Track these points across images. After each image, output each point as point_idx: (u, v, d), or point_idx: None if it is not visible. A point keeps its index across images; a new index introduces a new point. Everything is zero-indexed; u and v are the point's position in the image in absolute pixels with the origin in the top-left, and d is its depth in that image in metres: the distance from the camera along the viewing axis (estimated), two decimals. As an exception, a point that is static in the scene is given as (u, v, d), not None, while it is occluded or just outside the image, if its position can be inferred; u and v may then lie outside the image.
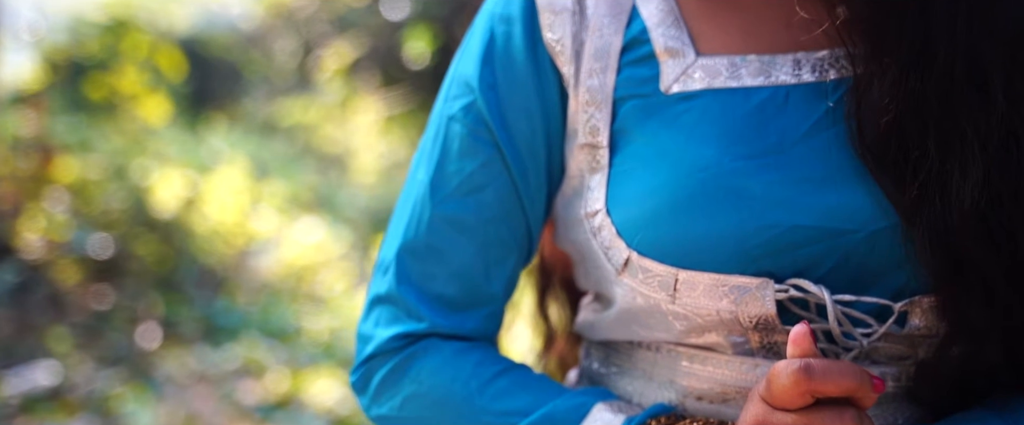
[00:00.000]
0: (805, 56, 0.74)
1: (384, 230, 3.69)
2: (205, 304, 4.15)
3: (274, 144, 6.09)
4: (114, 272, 3.99)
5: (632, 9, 0.77)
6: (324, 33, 6.57)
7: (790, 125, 0.72)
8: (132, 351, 3.71)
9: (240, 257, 4.62)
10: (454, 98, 0.81)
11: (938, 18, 0.67)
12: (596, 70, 0.77)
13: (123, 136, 4.28)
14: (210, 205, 4.62)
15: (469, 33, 0.83)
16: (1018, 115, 0.66)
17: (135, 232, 4.12)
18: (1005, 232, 0.65)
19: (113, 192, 4.10)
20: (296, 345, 3.94)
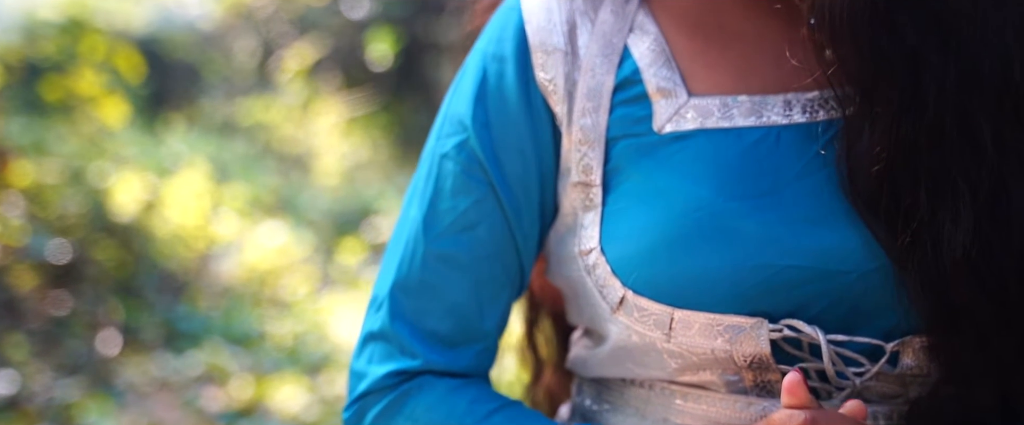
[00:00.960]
0: (795, 97, 0.75)
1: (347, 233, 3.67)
2: (166, 309, 4.10)
3: (234, 145, 6.03)
4: (72, 278, 3.92)
5: (624, 49, 0.78)
6: (284, 33, 6.51)
7: (782, 166, 0.73)
8: (92, 358, 3.65)
9: (201, 261, 4.57)
10: (447, 136, 0.81)
11: (928, 69, 0.69)
12: (589, 109, 0.77)
13: (80, 139, 4.20)
14: (170, 208, 4.56)
15: (461, 71, 0.83)
16: (1007, 165, 0.68)
17: (93, 236, 4.05)
18: (996, 280, 0.67)
19: (70, 196, 4.03)
20: (260, 351, 3.90)
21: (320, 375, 3.76)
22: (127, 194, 4.33)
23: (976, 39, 0.69)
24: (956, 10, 0.69)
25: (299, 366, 3.79)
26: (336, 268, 4.88)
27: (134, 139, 5.13)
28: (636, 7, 0.80)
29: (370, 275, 4.81)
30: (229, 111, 6.42)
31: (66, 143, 4.15)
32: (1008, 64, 0.69)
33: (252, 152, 6.02)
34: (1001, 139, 0.68)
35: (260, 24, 6.46)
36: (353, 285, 4.72)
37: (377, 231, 5.28)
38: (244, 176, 5.39)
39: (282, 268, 4.64)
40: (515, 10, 0.81)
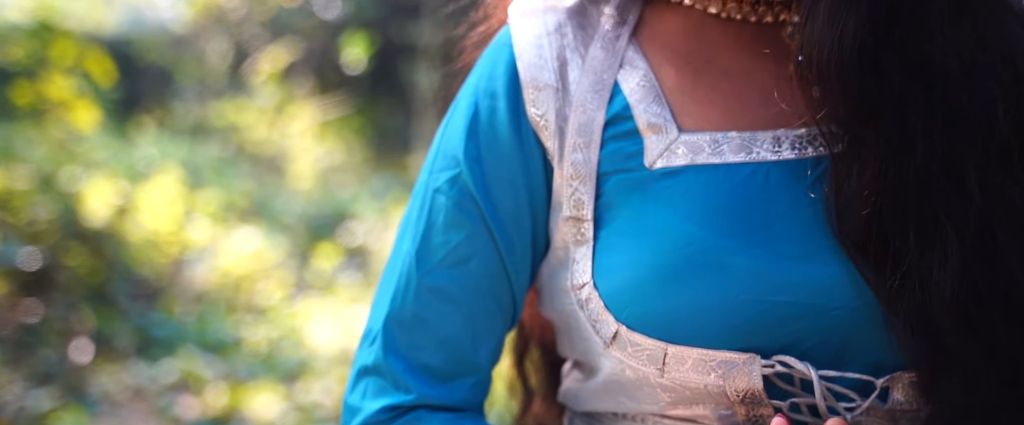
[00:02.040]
0: (784, 133, 0.76)
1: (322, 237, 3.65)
2: (139, 316, 4.06)
3: (207, 149, 5.98)
4: (43, 285, 3.87)
5: (614, 85, 0.79)
6: (257, 35, 6.46)
7: (772, 202, 0.74)
8: (64, 367, 3.60)
9: (175, 267, 4.53)
10: (440, 170, 0.81)
11: (914, 113, 0.70)
12: (580, 145, 0.78)
13: (50, 144, 4.15)
14: (143, 214, 4.52)
15: (454, 106, 0.84)
16: (993, 208, 0.69)
17: (65, 243, 4.00)
18: (984, 321, 0.68)
19: (41, 202, 3.98)
20: (234, 358, 3.88)
21: (296, 383, 3.74)
22: (99, 200, 4.28)
23: (960, 84, 0.70)
24: (941, 55, 0.70)
25: (274, 373, 3.77)
26: (312, 273, 4.85)
27: (105, 143, 5.08)
28: (626, 43, 0.80)
29: (346, 280, 4.79)
30: (201, 114, 6.37)
31: (36, 149, 4.09)
32: (992, 109, 0.70)
33: (225, 155, 5.98)
34: (987, 183, 0.69)
35: (232, 26, 6.42)
36: (329, 290, 4.70)
37: (352, 235, 5.26)
38: (217, 180, 5.35)
39: (257, 273, 4.61)
40: (506, 46, 0.82)
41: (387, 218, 5.44)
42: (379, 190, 5.91)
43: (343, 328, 4.28)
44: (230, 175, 5.58)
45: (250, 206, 5.30)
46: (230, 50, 6.48)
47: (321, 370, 3.84)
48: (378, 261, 5.03)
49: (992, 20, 0.72)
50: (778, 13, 0.79)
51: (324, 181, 5.99)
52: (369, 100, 6.73)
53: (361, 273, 4.93)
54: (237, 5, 6.49)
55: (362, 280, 4.84)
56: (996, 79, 0.70)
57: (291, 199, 5.65)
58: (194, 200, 4.86)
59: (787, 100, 0.75)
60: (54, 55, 4.08)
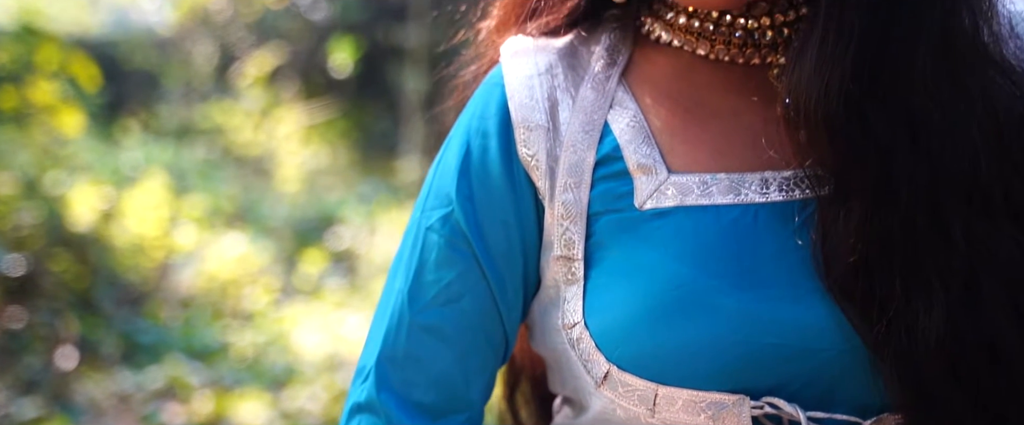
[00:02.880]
0: (772, 175, 0.77)
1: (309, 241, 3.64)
2: (125, 322, 4.04)
3: (193, 152, 5.96)
4: (28, 291, 3.85)
5: (604, 125, 0.80)
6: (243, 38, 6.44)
7: (760, 244, 0.75)
8: (49, 375, 3.59)
9: (160, 272, 4.51)
10: (432, 209, 0.82)
11: (899, 164, 0.71)
12: (570, 185, 0.79)
13: (35, 149, 4.13)
14: (128, 218, 4.50)
15: (446, 144, 0.84)
16: (977, 257, 0.70)
17: (50, 249, 3.98)
18: (969, 367, 0.69)
19: (26, 207, 3.95)
20: (220, 364, 3.87)
21: (282, 390, 3.74)
22: (84, 204, 4.27)
23: (944, 136, 0.71)
24: (925, 107, 0.72)
25: (261, 380, 3.76)
26: (298, 277, 4.85)
27: (90, 146, 5.05)
28: (616, 83, 0.81)
29: (332, 285, 4.79)
30: (187, 117, 6.34)
31: (20, 154, 4.07)
32: (976, 160, 0.71)
33: (211, 158, 5.96)
34: (971, 233, 0.71)
35: (218, 28, 6.39)
36: (315, 295, 4.70)
37: (339, 239, 5.26)
38: (203, 185, 5.34)
39: (243, 278, 4.60)
40: (498, 86, 0.82)
41: (374, 222, 5.44)
42: (366, 194, 5.91)
43: (330, 333, 4.28)
44: (216, 179, 5.56)
45: (236, 210, 5.29)
46: (216, 52, 6.46)
47: (307, 377, 3.84)
48: (365, 265, 5.03)
49: (974, 72, 0.73)
50: (765, 55, 0.80)
51: (311, 185, 5.98)
52: (356, 103, 6.72)
53: (347, 278, 4.92)
54: (223, 7, 6.47)
55: (348, 285, 4.84)
56: (979, 130, 0.72)
57: (277, 203, 5.64)
58: (180, 205, 4.84)
59: (774, 142, 0.76)
60: (39, 60, 4.05)
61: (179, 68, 6.38)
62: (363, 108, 6.89)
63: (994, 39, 0.75)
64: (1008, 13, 0.79)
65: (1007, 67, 0.75)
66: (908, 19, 0.72)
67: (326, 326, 4.35)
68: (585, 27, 0.85)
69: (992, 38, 0.75)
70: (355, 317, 4.42)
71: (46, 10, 4.72)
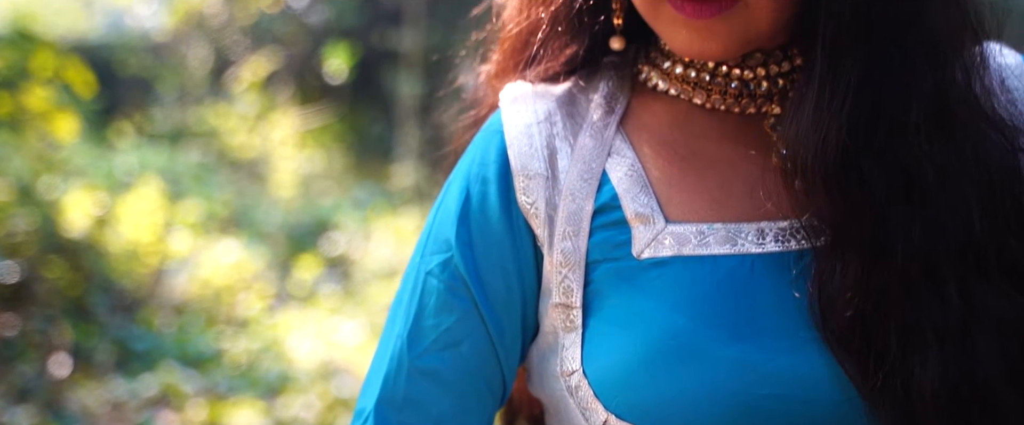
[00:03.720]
0: (769, 225, 0.78)
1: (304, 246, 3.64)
2: (119, 329, 4.04)
3: (187, 156, 5.95)
4: (22, 298, 3.84)
5: (602, 174, 0.80)
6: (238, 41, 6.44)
7: (757, 294, 0.76)
8: (42, 383, 3.58)
9: (155, 278, 4.51)
10: (432, 254, 0.82)
11: (894, 220, 0.72)
12: (569, 233, 0.79)
13: (30, 156, 4.12)
14: (123, 224, 4.50)
15: (446, 189, 0.85)
16: (971, 313, 0.71)
17: (44, 256, 3.98)
18: (964, 420, 0.70)
19: (20, 214, 3.95)
20: (215, 371, 3.87)
21: (277, 397, 3.74)
22: (78, 210, 4.26)
23: (938, 192, 0.72)
24: (919, 163, 0.73)
25: (255, 388, 3.76)
26: (293, 283, 4.85)
27: (85, 150, 5.04)
28: (614, 132, 0.82)
29: (326, 290, 4.79)
30: (182, 120, 6.34)
31: (15, 160, 4.07)
32: (969, 217, 0.72)
33: (206, 162, 5.96)
34: (965, 289, 0.72)
35: (213, 32, 6.39)
36: (310, 301, 4.70)
37: (334, 244, 5.26)
38: (198, 189, 5.33)
39: (237, 284, 4.60)
40: (498, 133, 0.83)
41: (368, 227, 5.44)
42: (361, 199, 5.91)
43: (324, 340, 4.28)
44: (211, 184, 5.56)
45: (230, 215, 5.28)
46: (211, 56, 6.45)
47: (302, 385, 3.84)
48: (359, 271, 5.03)
49: (968, 128, 0.74)
50: (760, 105, 0.81)
51: (305, 190, 5.98)
52: (351, 108, 6.72)
53: (342, 284, 4.92)
54: (218, 11, 6.46)
55: (343, 291, 4.84)
56: (972, 187, 0.73)
57: (272, 208, 5.63)
58: (174, 211, 4.84)
59: (770, 192, 0.77)
60: (34, 66, 4.05)
61: (174, 72, 6.37)
62: (358, 112, 6.89)
63: (985, 92, 0.76)
64: (998, 66, 0.80)
65: (998, 120, 0.76)
66: (902, 75, 0.73)
67: (320, 333, 4.35)
68: (583, 74, 0.86)
69: (983, 91, 0.76)
70: (349, 324, 4.42)
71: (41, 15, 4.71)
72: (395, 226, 5.40)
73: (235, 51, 6.39)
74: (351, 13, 6.75)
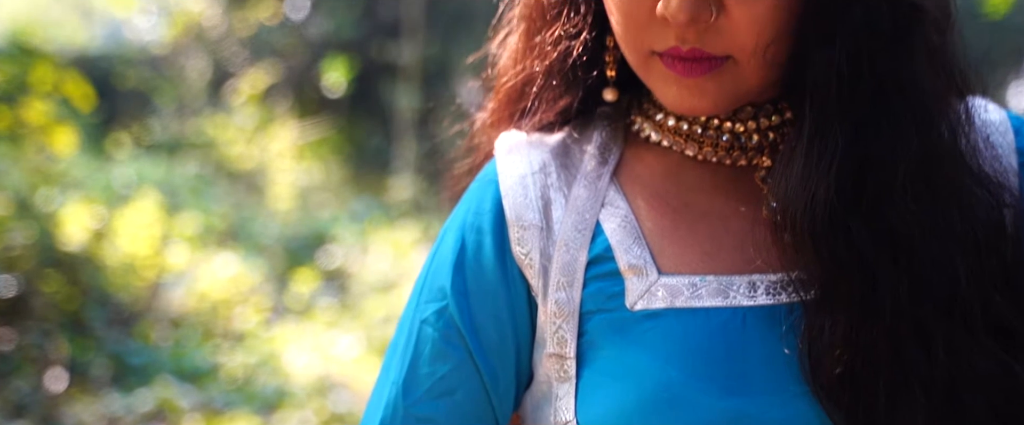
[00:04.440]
0: (760, 278, 0.79)
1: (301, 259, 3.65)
2: (115, 343, 4.04)
3: (185, 168, 5.96)
4: (18, 313, 3.85)
5: (596, 225, 0.81)
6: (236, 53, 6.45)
7: (749, 347, 0.77)
8: (38, 397, 3.58)
9: (152, 291, 4.51)
10: (427, 302, 0.83)
11: (882, 280, 0.73)
12: (563, 284, 0.80)
13: (28, 169, 4.13)
14: (121, 237, 4.50)
15: (441, 238, 0.86)
16: (957, 369, 0.73)
17: (41, 269, 3.98)
18: None
19: (17, 227, 3.95)
20: (211, 386, 3.87)
21: (273, 412, 3.74)
22: (76, 223, 4.27)
23: (925, 251, 0.73)
24: (906, 223, 0.74)
25: (251, 403, 3.77)
26: (290, 296, 4.85)
27: (83, 162, 5.05)
28: (607, 183, 0.83)
29: (323, 304, 4.80)
30: (180, 131, 6.35)
31: (13, 174, 4.07)
32: (955, 275, 0.73)
33: (203, 174, 5.97)
34: (952, 346, 0.73)
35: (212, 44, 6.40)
36: (306, 314, 4.71)
37: (331, 258, 5.27)
38: (195, 202, 5.34)
39: (234, 298, 4.61)
40: (493, 183, 0.84)
41: (366, 240, 5.45)
42: (359, 212, 5.92)
43: (321, 354, 4.29)
44: (208, 196, 5.57)
45: (228, 228, 5.29)
46: (209, 68, 6.47)
47: (298, 400, 3.85)
48: (356, 284, 5.04)
49: (954, 186, 0.75)
50: (751, 157, 0.82)
51: (303, 202, 5.99)
52: (349, 120, 6.73)
53: (339, 297, 4.93)
54: (217, 23, 6.48)
55: (340, 304, 4.85)
56: (958, 245, 0.74)
57: (269, 221, 5.64)
58: (172, 224, 4.84)
59: (761, 245, 0.78)
60: (33, 80, 4.06)
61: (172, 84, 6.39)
62: (356, 124, 6.91)
63: (971, 149, 0.78)
64: (983, 122, 0.81)
65: (983, 176, 0.77)
66: (888, 138, 0.74)
67: (317, 346, 4.36)
68: (577, 123, 0.87)
69: (969, 148, 0.78)
70: (346, 337, 4.43)
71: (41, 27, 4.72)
72: (393, 239, 5.41)
73: (234, 63, 6.41)
74: (350, 25, 6.77)
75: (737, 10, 0.74)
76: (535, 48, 0.84)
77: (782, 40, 0.75)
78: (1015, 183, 0.80)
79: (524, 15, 0.85)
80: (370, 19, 7.03)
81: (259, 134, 6.16)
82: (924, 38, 0.74)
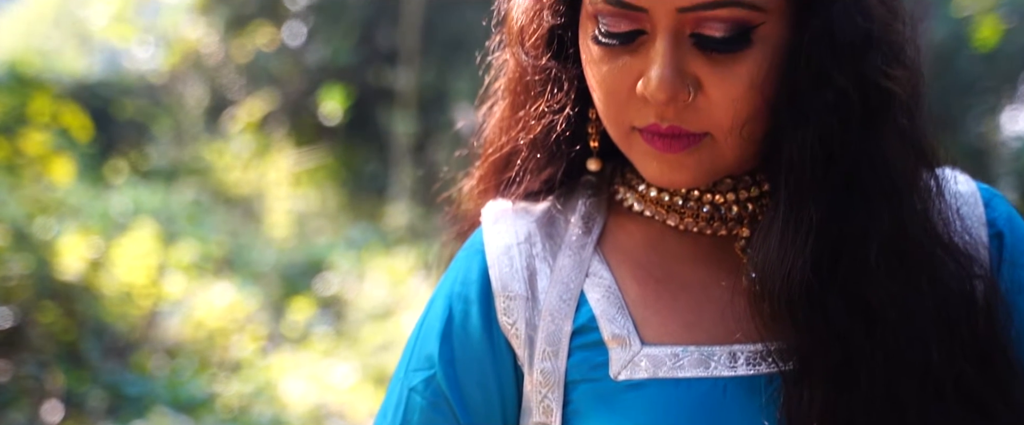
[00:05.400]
0: (740, 348, 0.81)
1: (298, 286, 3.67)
2: (111, 373, 4.04)
3: (182, 196, 5.98)
4: (14, 344, 3.85)
5: (580, 295, 0.83)
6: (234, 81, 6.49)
7: (730, 418, 0.79)
8: (35, 429, 3.58)
9: (148, 320, 4.52)
10: (415, 370, 0.85)
11: (858, 350, 0.75)
12: (549, 354, 0.82)
13: (25, 199, 4.15)
14: (117, 266, 4.51)
15: (429, 306, 0.88)
16: None
17: (37, 301, 3.99)
18: None
19: (14, 258, 3.97)
20: (207, 417, 3.87)
21: (269, 445, 3.74)
22: (73, 253, 4.28)
23: (899, 326, 0.75)
24: (880, 298, 0.76)
25: (246, 438, 3.76)
26: (286, 324, 4.86)
27: (81, 190, 5.07)
28: (591, 253, 0.85)
29: (320, 332, 4.81)
30: (177, 158, 6.37)
31: (10, 204, 4.09)
32: (928, 349, 0.75)
33: (201, 200, 5.98)
34: (925, 416, 0.75)
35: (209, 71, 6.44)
36: (303, 343, 4.71)
37: (327, 285, 5.27)
38: (192, 230, 5.35)
39: (230, 326, 4.61)
40: (479, 253, 0.86)
41: (362, 267, 5.46)
42: (355, 239, 5.93)
43: (317, 382, 4.29)
44: (205, 224, 5.58)
45: (225, 256, 5.30)
46: (207, 95, 6.50)
47: (294, 432, 3.85)
48: (353, 311, 5.05)
49: (925, 260, 0.77)
50: (732, 228, 0.84)
51: (300, 229, 6.00)
52: (345, 146, 6.76)
53: (335, 325, 4.94)
54: (214, 50, 6.52)
55: (336, 332, 4.85)
56: (930, 319, 0.76)
57: (266, 248, 5.65)
58: (168, 253, 4.85)
59: (741, 315, 0.80)
60: (31, 111, 4.09)
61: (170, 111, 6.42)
62: (352, 151, 6.94)
63: (941, 219, 0.80)
64: (953, 194, 0.83)
65: (954, 249, 0.80)
66: (861, 213, 0.76)
67: (313, 375, 4.36)
68: (562, 192, 0.89)
69: (940, 218, 0.80)
70: (342, 366, 4.43)
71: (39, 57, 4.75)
72: (389, 267, 5.43)
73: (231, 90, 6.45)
74: (347, 51, 6.82)
75: (714, 90, 0.77)
76: (520, 121, 0.87)
77: (758, 119, 0.78)
78: (985, 255, 0.82)
79: (509, 89, 0.88)
80: (367, 45, 7.07)
81: (256, 161, 6.19)
82: (893, 119, 0.76)
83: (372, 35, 7.07)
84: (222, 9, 6.44)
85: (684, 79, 0.76)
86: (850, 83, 0.75)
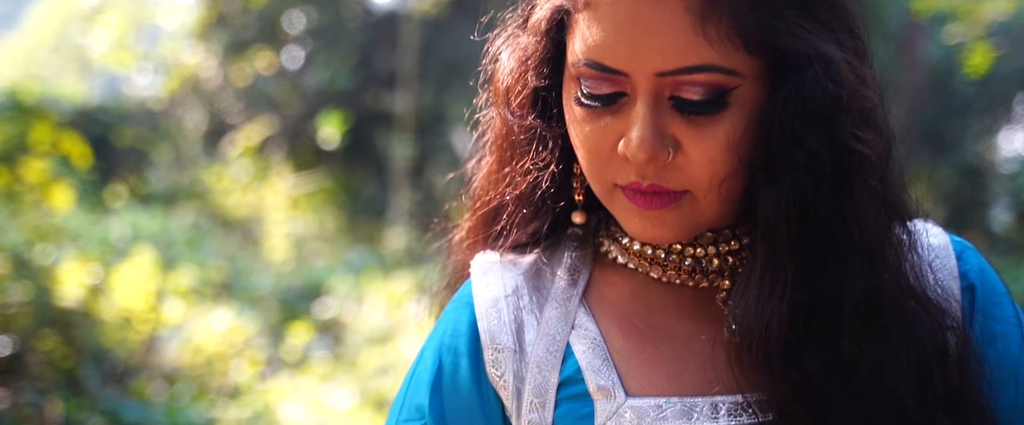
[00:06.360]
0: (722, 399, 0.83)
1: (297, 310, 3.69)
2: (110, 400, 4.05)
3: (181, 220, 6.00)
4: (14, 372, 3.86)
5: (567, 347, 0.86)
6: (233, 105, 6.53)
7: None
8: (34, 458, 3.59)
9: (147, 346, 4.53)
10: (405, 421, 0.88)
11: (834, 403, 0.78)
12: (536, 405, 0.84)
13: (25, 226, 4.17)
14: (116, 292, 4.53)
15: (420, 356, 0.90)
16: None
17: (37, 328, 4.00)
18: None
19: (14, 286, 3.98)
20: (205, 445, 3.88)
21: (266, 472, 3.75)
22: (72, 280, 4.29)
23: (873, 379, 0.78)
24: (854, 352, 0.78)
25: (245, 466, 3.77)
26: (285, 348, 4.87)
27: (80, 216, 5.09)
28: (577, 305, 0.87)
29: (318, 356, 4.82)
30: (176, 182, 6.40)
31: (10, 232, 4.11)
32: (902, 401, 0.78)
33: (199, 224, 6.01)
34: None
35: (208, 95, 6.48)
36: (301, 367, 4.72)
37: (326, 309, 5.29)
38: (191, 255, 5.37)
39: (229, 351, 4.62)
40: (468, 306, 0.88)
41: (361, 291, 5.48)
42: (353, 263, 5.95)
43: (315, 407, 4.30)
44: (204, 249, 5.60)
45: (223, 281, 5.32)
46: (206, 119, 6.54)
47: (292, 457, 3.85)
48: (351, 335, 5.06)
49: (899, 313, 0.80)
50: (713, 280, 0.87)
51: (298, 253, 6.02)
52: (344, 169, 6.80)
53: (333, 350, 4.95)
54: (213, 74, 6.56)
55: (334, 357, 4.86)
56: (902, 372, 0.78)
57: (265, 273, 5.67)
58: (167, 279, 4.87)
59: (722, 366, 0.82)
60: (32, 139, 4.12)
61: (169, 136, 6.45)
62: (351, 174, 6.97)
63: (913, 271, 0.82)
64: (926, 246, 0.85)
65: (926, 301, 0.82)
66: (835, 269, 0.79)
67: (311, 400, 4.37)
68: (548, 244, 0.92)
69: (913, 273, 0.82)
70: (340, 391, 4.44)
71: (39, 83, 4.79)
72: (387, 291, 5.44)
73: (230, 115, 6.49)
74: (345, 75, 6.86)
75: (693, 150, 0.79)
76: (506, 177, 0.89)
77: (735, 177, 0.80)
78: (957, 308, 0.84)
79: (496, 145, 0.91)
80: (365, 69, 7.12)
81: (255, 185, 6.21)
82: (864, 180, 0.79)
83: (370, 59, 7.11)
84: (221, 34, 6.49)
85: (663, 140, 0.79)
86: (821, 145, 0.77)
